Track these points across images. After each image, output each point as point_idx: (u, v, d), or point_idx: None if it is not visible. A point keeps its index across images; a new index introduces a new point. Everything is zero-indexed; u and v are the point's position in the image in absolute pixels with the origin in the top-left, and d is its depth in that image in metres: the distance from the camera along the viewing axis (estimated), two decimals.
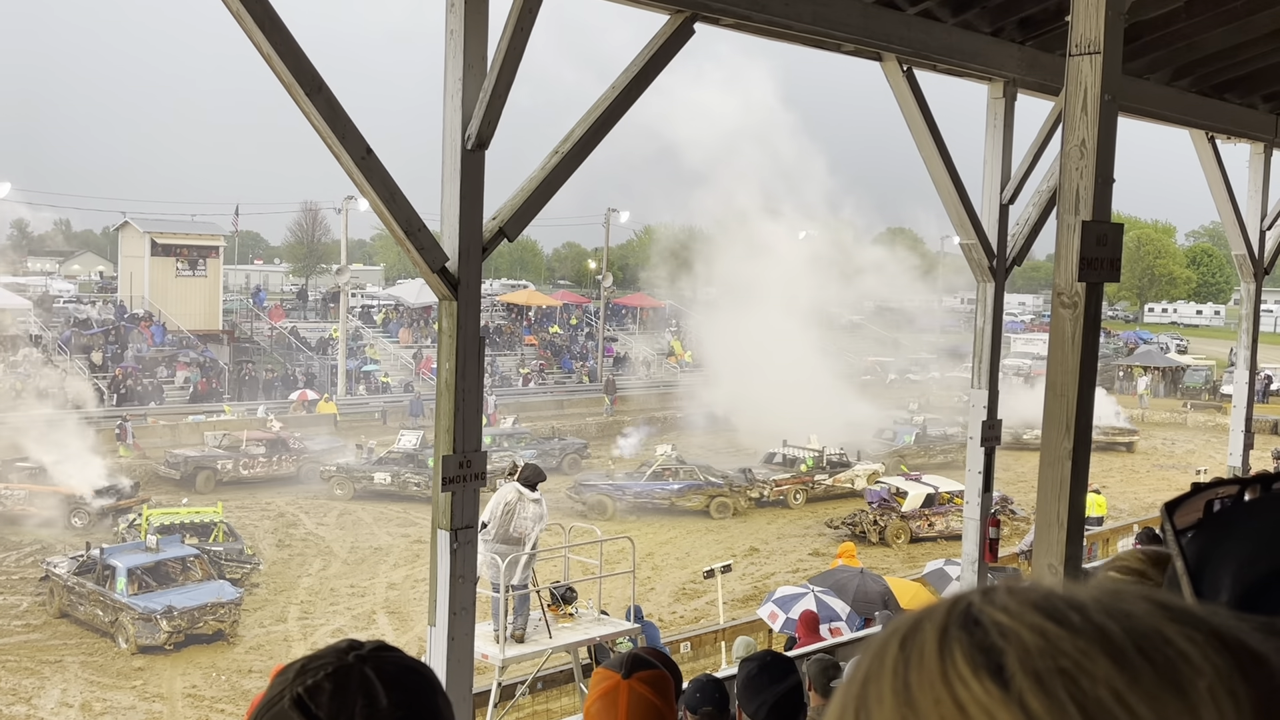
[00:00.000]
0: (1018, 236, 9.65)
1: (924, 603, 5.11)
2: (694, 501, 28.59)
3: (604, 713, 3.04)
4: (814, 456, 31.32)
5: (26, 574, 22.40)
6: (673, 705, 3.09)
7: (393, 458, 30.21)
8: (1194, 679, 0.52)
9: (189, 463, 30.26)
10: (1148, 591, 0.58)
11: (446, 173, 6.28)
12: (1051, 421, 5.42)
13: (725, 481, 29.33)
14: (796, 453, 31.71)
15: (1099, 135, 5.23)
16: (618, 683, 3.04)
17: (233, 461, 30.68)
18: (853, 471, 31.51)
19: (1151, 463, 38.41)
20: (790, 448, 32.09)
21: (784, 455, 31.84)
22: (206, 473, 30.12)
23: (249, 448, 31.23)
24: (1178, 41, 9.96)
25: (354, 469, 30.16)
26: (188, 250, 46.59)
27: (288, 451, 31.62)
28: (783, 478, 30.42)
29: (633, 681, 3.03)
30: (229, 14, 5.41)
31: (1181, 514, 1.08)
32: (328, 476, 30.01)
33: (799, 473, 30.85)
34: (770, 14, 7.42)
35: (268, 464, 31.05)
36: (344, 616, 20.91)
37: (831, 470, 31.26)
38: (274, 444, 31.73)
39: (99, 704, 16.95)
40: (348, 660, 1.18)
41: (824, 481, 30.90)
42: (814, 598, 14.18)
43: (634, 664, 3.09)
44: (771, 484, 29.96)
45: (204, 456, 30.82)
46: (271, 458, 31.20)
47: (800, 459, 31.37)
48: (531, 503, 11.92)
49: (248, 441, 31.47)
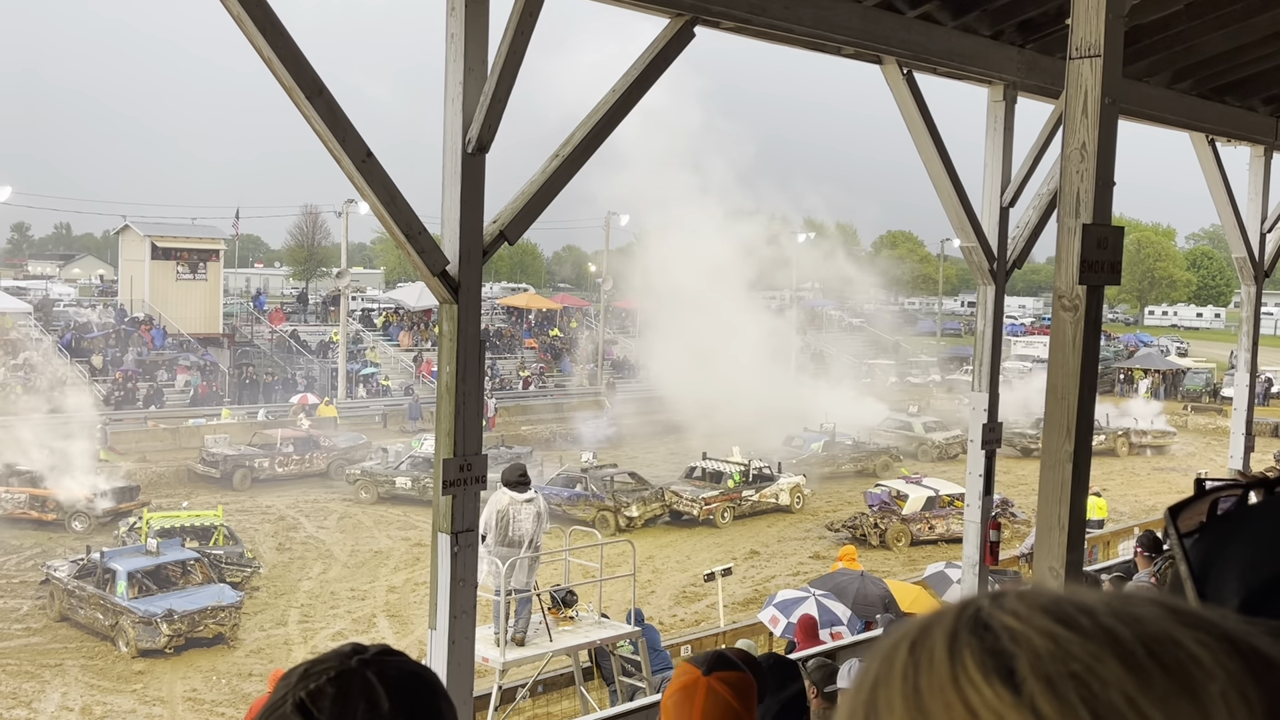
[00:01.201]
0: (1018, 239, 9.66)
1: (927, 606, 5.12)
2: (587, 512, 26.60)
3: (680, 705, 3.02)
4: (740, 471, 29.25)
5: (27, 577, 22.38)
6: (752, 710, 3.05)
7: (415, 462, 30.08)
8: (1206, 683, 0.52)
9: (228, 461, 30.99)
10: (1157, 595, 0.58)
11: (447, 176, 6.28)
12: (1052, 425, 5.42)
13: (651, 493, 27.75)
14: (720, 466, 29.50)
15: (1099, 138, 5.23)
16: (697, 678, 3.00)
17: (269, 459, 31.37)
18: (777, 486, 29.64)
19: (1152, 465, 38.42)
20: (712, 461, 29.97)
21: (704, 469, 29.69)
22: (243, 471, 30.81)
23: (283, 446, 31.96)
24: (1178, 44, 9.97)
25: (377, 473, 30.06)
26: (188, 254, 46.62)
27: (318, 449, 32.46)
28: (712, 495, 28.21)
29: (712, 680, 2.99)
30: (230, 18, 5.42)
31: (1185, 517, 1.08)
32: (352, 481, 30.08)
33: (726, 489, 28.65)
34: (771, 17, 7.43)
35: (300, 461, 31.80)
36: (344, 620, 20.90)
37: (757, 485, 29.28)
38: (304, 442, 32.50)
39: (99, 708, 16.94)
40: (350, 664, 1.18)
41: (750, 497, 28.93)
42: (815, 601, 14.17)
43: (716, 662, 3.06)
44: (701, 502, 27.81)
45: (240, 455, 31.49)
46: (304, 455, 31.96)
47: (725, 473, 29.15)
48: (525, 503, 11.81)
49: (281, 440, 32.20)
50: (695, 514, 27.73)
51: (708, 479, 29.25)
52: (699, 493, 28.18)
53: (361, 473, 30.12)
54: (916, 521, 26.23)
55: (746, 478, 29.13)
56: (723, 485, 28.77)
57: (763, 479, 29.50)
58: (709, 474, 29.42)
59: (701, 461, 30.10)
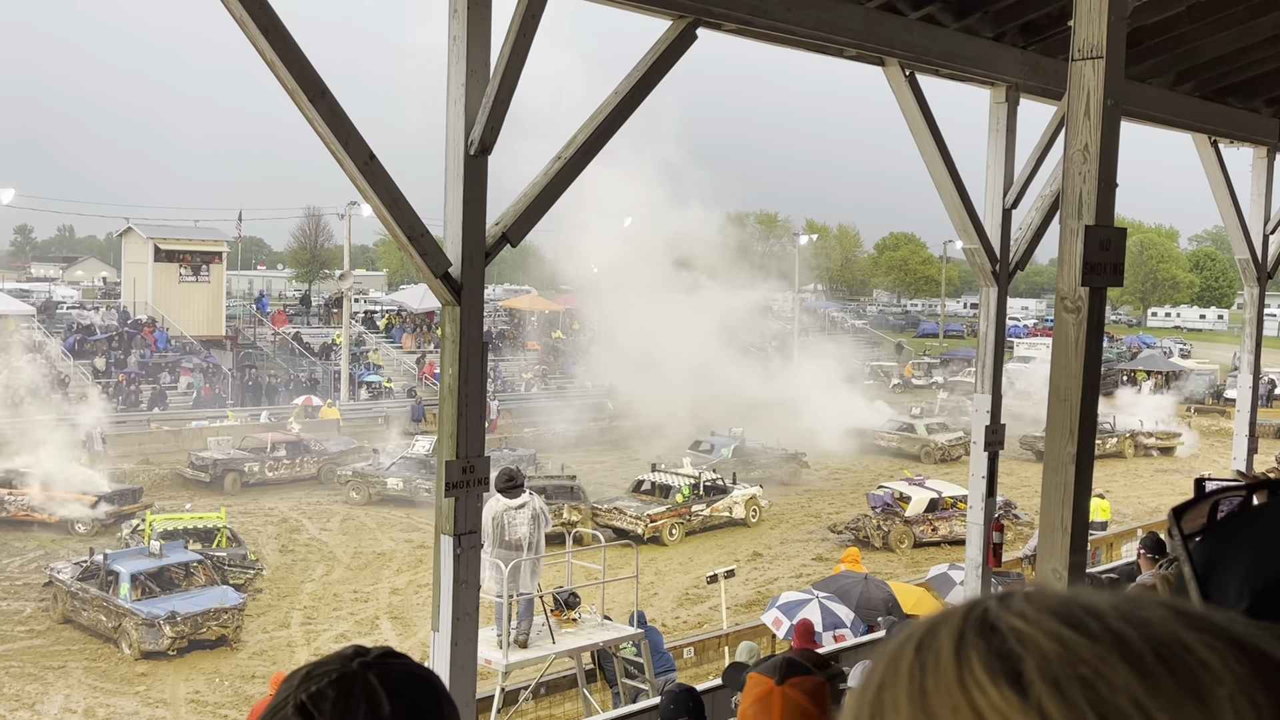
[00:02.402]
0: (1020, 241, 9.65)
1: (933, 608, 5.06)
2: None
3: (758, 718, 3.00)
4: (689, 484, 27.35)
5: (30, 579, 22.40)
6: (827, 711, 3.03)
7: (405, 462, 29.96)
8: (1214, 687, 0.52)
9: (217, 465, 30.70)
10: (1165, 599, 0.57)
11: (450, 178, 6.28)
12: (1055, 426, 5.41)
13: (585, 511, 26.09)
14: (669, 480, 27.56)
15: (1102, 140, 5.22)
16: (771, 688, 2.98)
17: (259, 463, 31.12)
18: (730, 498, 27.80)
19: (1155, 467, 38.38)
20: (661, 473, 28.03)
21: (653, 483, 27.66)
22: (233, 474, 30.56)
23: (273, 450, 31.68)
24: (1180, 46, 9.97)
25: (368, 474, 29.99)
26: (191, 256, 46.70)
27: (308, 454, 32.16)
28: (658, 511, 26.29)
29: (786, 688, 2.97)
30: (233, 20, 5.42)
31: (1189, 519, 1.07)
32: (344, 481, 29.99)
33: (675, 503, 26.58)
34: (773, 19, 7.43)
35: (290, 465, 31.55)
36: (347, 622, 20.90)
37: (709, 499, 27.34)
38: (294, 446, 32.20)
39: (102, 709, 16.94)
40: (352, 667, 1.18)
41: (701, 512, 26.96)
42: (818, 604, 14.15)
43: (789, 669, 3.03)
44: (646, 519, 25.76)
45: (230, 459, 31.20)
46: (294, 459, 31.70)
47: (675, 487, 27.16)
48: (518, 508, 11.73)
49: (272, 444, 31.92)
50: (640, 532, 25.21)
51: (657, 492, 27.33)
52: (645, 509, 26.26)
53: (353, 474, 30.04)
54: (919, 523, 26.21)
55: (697, 491, 27.25)
56: (671, 500, 26.89)
57: (716, 491, 27.71)
58: (658, 487, 27.48)
59: (650, 474, 28.09)
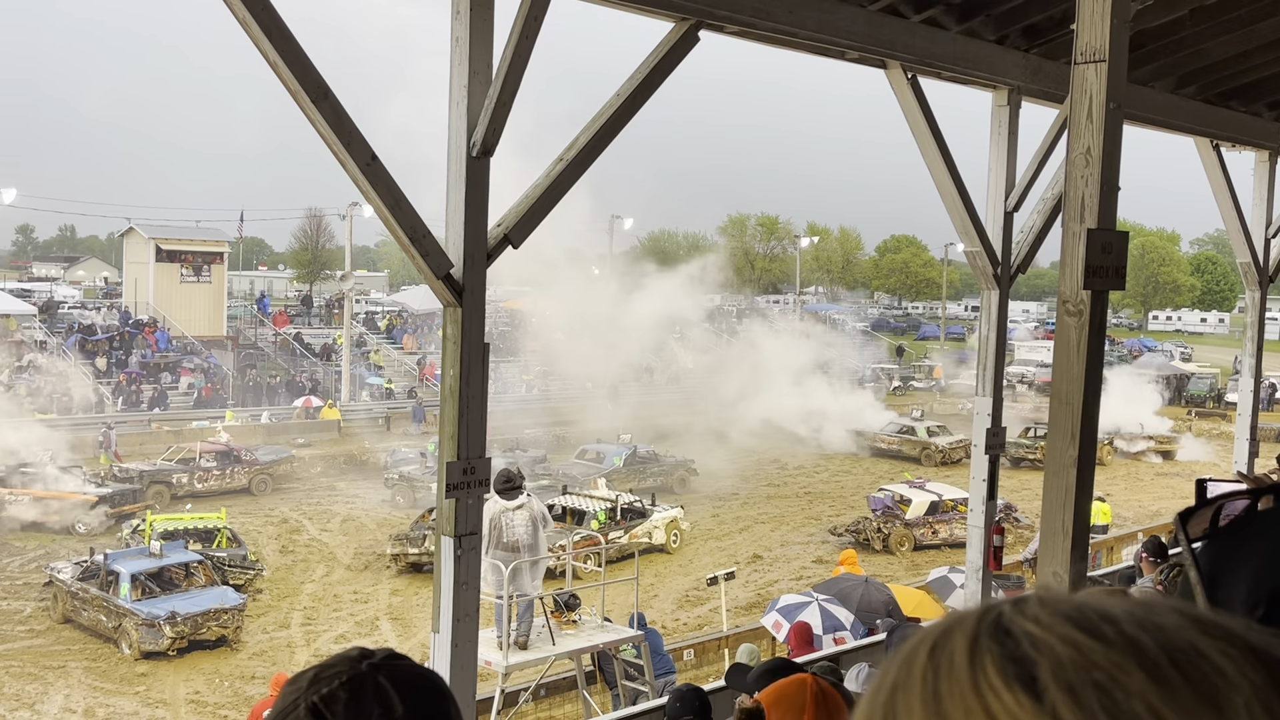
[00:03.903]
0: (1022, 244, 9.65)
1: (930, 611, 5.12)
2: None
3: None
4: (605, 509, 24.38)
5: (30, 579, 22.40)
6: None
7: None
8: (1230, 694, 0.52)
9: (144, 477, 28.71)
10: (1180, 604, 0.57)
11: (451, 179, 6.28)
12: (1057, 429, 5.41)
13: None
14: (582, 504, 24.62)
15: (1104, 143, 5.23)
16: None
17: (187, 475, 29.23)
18: (650, 522, 24.99)
19: (1155, 470, 38.36)
20: (573, 496, 25.18)
21: (565, 507, 24.26)
22: (159, 488, 28.50)
23: (203, 461, 29.69)
24: (1182, 50, 9.97)
25: (414, 478, 29.12)
26: (192, 256, 46.72)
27: (239, 464, 30.24)
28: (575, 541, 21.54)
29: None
30: (236, 21, 5.42)
31: (1194, 524, 1.07)
32: (391, 484, 29.44)
33: (591, 531, 23.13)
34: (775, 21, 7.43)
35: (220, 476, 29.67)
36: (347, 623, 20.89)
37: (626, 524, 24.44)
38: (224, 456, 30.25)
39: (102, 710, 16.94)
40: (361, 668, 1.18)
41: (619, 539, 23.48)
42: (818, 606, 14.13)
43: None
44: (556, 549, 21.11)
45: (157, 470, 29.30)
46: (225, 470, 29.85)
47: (590, 512, 24.22)
48: (515, 510, 11.67)
49: (201, 454, 29.88)
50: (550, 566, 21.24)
51: (570, 518, 24.06)
52: (557, 538, 22.85)
53: (399, 477, 29.40)
54: (920, 526, 26.20)
55: (614, 516, 24.27)
56: (586, 526, 23.72)
57: (634, 514, 24.82)
58: (571, 512, 24.30)
59: (560, 498, 24.64)
